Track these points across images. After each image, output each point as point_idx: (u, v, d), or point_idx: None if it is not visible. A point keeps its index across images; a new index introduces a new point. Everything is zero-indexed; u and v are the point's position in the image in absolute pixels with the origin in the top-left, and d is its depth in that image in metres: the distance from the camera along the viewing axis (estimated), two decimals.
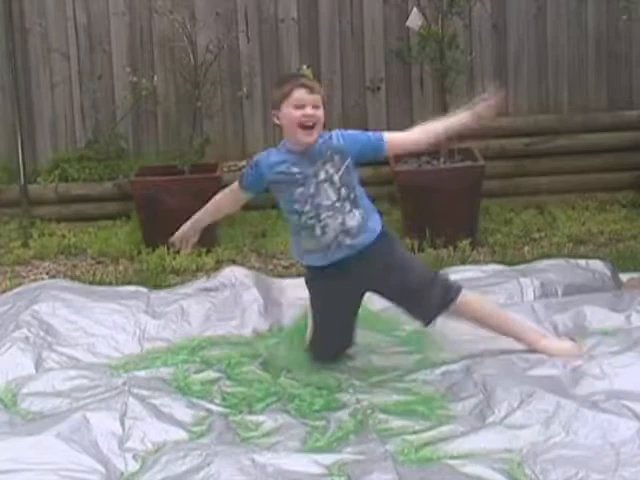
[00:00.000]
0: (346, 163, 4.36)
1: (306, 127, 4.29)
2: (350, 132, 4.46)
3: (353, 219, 4.36)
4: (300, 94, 4.28)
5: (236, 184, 4.54)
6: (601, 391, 4.02)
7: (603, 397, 3.95)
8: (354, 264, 4.37)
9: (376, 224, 4.44)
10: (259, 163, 4.43)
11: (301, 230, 4.41)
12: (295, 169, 4.34)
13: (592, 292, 5.20)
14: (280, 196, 4.44)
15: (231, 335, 5.03)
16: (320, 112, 4.31)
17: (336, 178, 4.33)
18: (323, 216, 4.33)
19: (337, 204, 4.33)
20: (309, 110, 4.27)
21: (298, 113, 4.27)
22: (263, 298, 5.29)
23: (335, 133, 4.40)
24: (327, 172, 4.33)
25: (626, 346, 4.39)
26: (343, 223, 4.34)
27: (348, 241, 4.36)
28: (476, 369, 4.35)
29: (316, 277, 4.49)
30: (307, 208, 4.35)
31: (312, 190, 4.33)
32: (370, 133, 4.50)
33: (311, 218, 4.35)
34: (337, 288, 4.43)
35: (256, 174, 4.44)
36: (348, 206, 4.35)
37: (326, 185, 4.33)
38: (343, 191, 4.34)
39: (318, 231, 4.35)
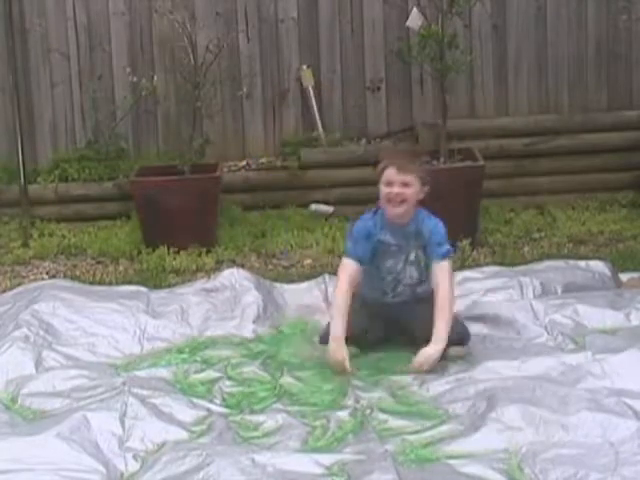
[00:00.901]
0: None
1: (393, 202, 4.59)
2: (438, 230, 4.66)
3: (422, 287, 4.74)
4: (390, 173, 4.60)
5: (344, 264, 4.66)
6: (601, 390, 4.02)
7: (603, 396, 3.96)
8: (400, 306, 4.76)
9: None
10: (359, 232, 4.67)
11: (373, 283, 4.70)
12: (391, 240, 4.66)
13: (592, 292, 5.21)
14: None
15: (231, 335, 5.03)
16: (409, 190, 4.59)
17: (422, 263, 4.67)
18: (400, 289, 4.75)
19: (415, 282, 4.73)
20: (396, 188, 4.58)
21: (386, 190, 4.60)
22: (263, 300, 5.29)
23: (428, 222, 4.65)
24: (417, 255, 4.68)
25: (626, 344, 4.39)
26: (413, 292, 4.75)
27: (407, 295, 4.77)
28: (475, 366, 4.36)
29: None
30: (389, 279, 4.73)
31: (399, 267, 4.71)
32: (445, 246, 4.67)
33: (388, 285, 4.74)
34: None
35: (363, 242, 4.64)
36: (424, 282, 4.69)
37: (413, 268, 4.69)
38: (424, 273, 4.68)
39: (389, 297, 4.77)
